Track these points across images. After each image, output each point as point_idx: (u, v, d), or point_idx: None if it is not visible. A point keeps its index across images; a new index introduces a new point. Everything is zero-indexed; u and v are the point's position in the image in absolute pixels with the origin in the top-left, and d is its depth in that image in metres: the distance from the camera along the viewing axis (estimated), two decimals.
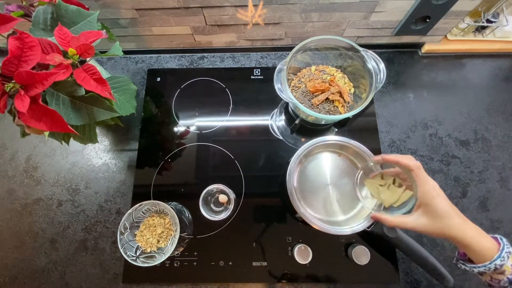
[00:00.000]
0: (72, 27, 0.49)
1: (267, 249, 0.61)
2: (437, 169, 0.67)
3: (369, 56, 0.59)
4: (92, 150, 0.70)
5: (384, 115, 0.71)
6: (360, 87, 0.64)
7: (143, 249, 0.56)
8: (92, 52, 0.44)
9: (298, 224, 0.62)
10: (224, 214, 0.61)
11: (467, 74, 0.74)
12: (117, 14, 0.64)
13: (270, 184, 0.66)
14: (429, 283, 0.60)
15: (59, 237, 0.64)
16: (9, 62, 0.39)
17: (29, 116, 0.40)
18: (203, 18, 0.65)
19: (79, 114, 0.47)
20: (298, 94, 0.67)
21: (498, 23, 0.69)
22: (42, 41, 0.42)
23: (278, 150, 0.68)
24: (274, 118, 0.72)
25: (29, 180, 0.68)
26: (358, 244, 0.59)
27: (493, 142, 0.69)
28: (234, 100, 0.73)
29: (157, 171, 0.67)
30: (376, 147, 0.68)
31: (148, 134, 0.70)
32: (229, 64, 0.77)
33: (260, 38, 0.73)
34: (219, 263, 0.60)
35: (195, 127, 0.71)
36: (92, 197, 0.66)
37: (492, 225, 0.63)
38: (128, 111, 0.57)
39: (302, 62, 0.69)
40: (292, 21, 0.66)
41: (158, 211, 0.60)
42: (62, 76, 0.40)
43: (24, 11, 0.48)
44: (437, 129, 0.70)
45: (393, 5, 0.62)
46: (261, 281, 0.60)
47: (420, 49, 0.76)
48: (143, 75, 0.76)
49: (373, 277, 0.59)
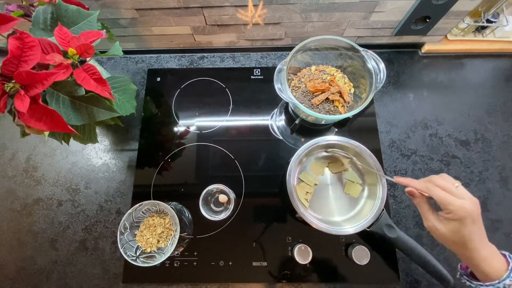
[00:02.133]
0: (72, 27, 0.49)
1: (267, 249, 0.61)
2: (437, 169, 0.67)
3: (369, 56, 0.59)
4: (92, 150, 0.70)
5: (384, 115, 0.71)
6: (360, 87, 0.64)
7: (143, 249, 0.56)
8: (92, 52, 0.44)
9: (298, 224, 0.62)
10: (224, 214, 0.61)
11: (467, 74, 0.74)
12: (117, 14, 0.64)
13: (270, 184, 0.66)
14: (429, 283, 0.60)
15: (59, 237, 0.64)
16: (9, 62, 0.39)
17: (29, 116, 0.40)
18: (203, 18, 0.65)
19: (79, 114, 0.47)
20: (298, 94, 0.67)
21: (498, 23, 0.69)
22: (42, 41, 0.42)
23: (278, 150, 0.68)
24: (274, 118, 0.72)
25: (29, 180, 0.68)
26: (358, 244, 0.59)
27: (493, 142, 0.69)
28: (234, 100, 0.73)
29: (157, 171, 0.67)
30: (376, 147, 0.68)
31: (148, 134, 0.70)
32: (229, 64, 0.77)
33: (260, 38, 0.73)
34: (219, 263, 0.60)
35: (195, 127, 0.71)
36: (92, 197, 0.66)
37: (492, 225, 0.63)
38: (128, 111, 0.57)
39: (302, 62, 0.69)
40: (292, 21, 0.66)
41: (158, 211, 0.60)
42: (62, 76, 0.40)
43: (24, 11, 0.48)
44: (437, 129, 0.70)
45: (393, 5, 0.62)
46: (261, 281, 0.60)
47: (420, 49, 0.76)
48: (143, 75, 0.76)
49: (373, 277, 0.59)
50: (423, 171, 0.67)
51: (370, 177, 0.59)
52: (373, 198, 0.56)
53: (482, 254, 0.40)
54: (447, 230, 0.41)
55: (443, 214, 0.41)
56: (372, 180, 0.58)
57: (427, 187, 0.42)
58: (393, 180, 0.47)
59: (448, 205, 0.39)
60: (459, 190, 0.41)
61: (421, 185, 0.43)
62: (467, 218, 0.39)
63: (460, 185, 0.41)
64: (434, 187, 0.41)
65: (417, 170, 0.67)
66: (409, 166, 0.67)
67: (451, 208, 0.39)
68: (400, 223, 0.64)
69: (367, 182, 0.60)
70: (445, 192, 0.40)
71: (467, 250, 0.40)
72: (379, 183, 0.56)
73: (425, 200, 0.44)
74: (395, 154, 0.68)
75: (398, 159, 0.68)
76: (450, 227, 0.40)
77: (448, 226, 0.41)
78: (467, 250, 0.40)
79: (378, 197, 0.55)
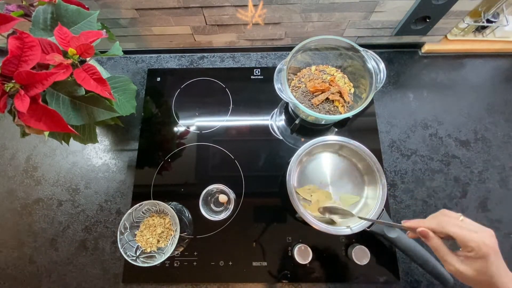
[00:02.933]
0: (72, 27, 0.49)
1: (267, 249, 0.61)
2: (437, 169, 0.67)
3: (369, 56, 0.59)
4: (92, 150, 0.70)
5: (384, 115, 0.71)
6: (360, 87, 0.64)
7: (143, 249, 0.56)
8: (92, 52, 0.44)
9: (298, 224, 0.62)
10: (224, 214, 0.61)
11: (467, 74, 0.74)
12: (117, 14, 0.64)
13: (270, 184, 0.66)
14: (429, 283, 0.60)
15: (59, 237, 0.64)
16: (9, 62, 0.39)
17: (29, 116, 0.40)
18: (203, 18, 0.65)
19: (79, 114, 0.47)
20: (298, 94, 0.67)
21: (498, 23, 0.69)
22: (42, 41, 0.42)
23: (278, 150, 0.68)
24: (274, 118, 0.72)
25: (29, 180, 0.68)
26: (358, 244, 0.59)
27: (493, 142, 0.69)
28: (234, 100, 0.73)
29: (157, 171, 0.67)
30: (376, 147, 0.68)
31: (148, 134, 0.70)
32: (229, 64, 0.77)
33: (260, 38, 0.73)
34: (219, 263, 0.60)
35: (195, 127, 0.71)
36: (92, 197, 0.66)
37: (492, 225, 0.63)
38: (128, 111, 0.57)
39: (302, 62, 0.69)
40: (292, 21, 0.66)
41: (158, 211, 0.60)
42: (62, 76, 0.40)
43: (24, 11, 0.48)
44: (437, 129, 0.70)
45: (393, 5, 0.62)
46: (261, 281, 0.60)
47: (420, 49, 0.76)
48: (143, 75, 0.76)
49: (373, 277, 0.59)
50: (423, 171, 0.67)
51: (370, 177, 0.59)
52: (373, 198, 0.56)
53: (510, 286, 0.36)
54: (473, 271, 0.37)
55: (464, 253, 0.37)
56: (372, 180, 0.58)
57: (441, 224, 0.39)
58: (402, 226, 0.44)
59: (469, 242, 0.36)
60: (468, 224, 0.38)
61: (433, 224, 0.40)
62: (491, 254, 0.36)
63: (464, 218, 0.39)
64: (449, 224, 0.38)
65: (417, 170, 0.67)
66: (409, 166, 0.67)
67: (473, 245, 0.36)
68: (400, 223, 0.63)
69: (367, 182, 0.60)
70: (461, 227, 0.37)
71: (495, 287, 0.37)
72: (379, 183, 0.56)
73: (441, 241, 0.40)
74: (395, 154, 0.68)
75: (398, 159, 0.68)
76: (476, 267, 0.36)
77: (473, 267, 0.37)
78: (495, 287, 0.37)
79: (378, 197, 0.55)
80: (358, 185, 0.61)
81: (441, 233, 0.39)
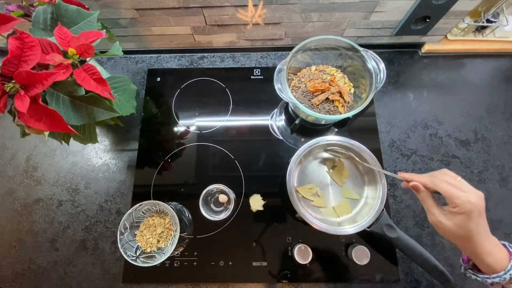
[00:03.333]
0: (72, 27, 0.49)
1: (267, 249, 0.61)
2: (437, 169, 0.67)
3: (369, 56, 0.59)
4: (92, 150, 0.70)
5: (384, 115, 0.71)
6: (360, 87, 0.64)
7: (143, 249, 0.56)
8: (92, 52, 0.44)
9: (298, 224, 0.62)
10: (224, 214, 0.61)
11: (467, 74, 0.74)
12: (117, 14, 0.64)
13: (270, 184, 0.66)
14: (429, 283, 0.60)
15: (59, 237, 0.64)
16: (9, 62, 0.39)
17: (29, 116, 0.40)
18: (203, 18, 0.65)
19: (79, 114, 0.47)
20: (298, 94, 0.67)
21: (498, 23, 0.69)
22: (42, 41, 0.42)
23: (278, 150, 0.68)
24: (274, 118, 0.72)
25: (29, 180, 0.68)
26: (358, 244, 0.59)
27: (493, 142, 0.69)
28: (234, 100, 0.73)
29: (157, 171, 0.67)
30: (376, 147, 0.68)
31: (148, 134, 0.70)
32: (229, 64, 0.77)
33: (260, 38, 0.73)
34: (219, 263, 0.60)
35: (195, 127, 0.71)
36: (92, 197, 0.66)
37: (492, 225, 0.63)
38: (128, 111, 0.57)
39: (302, 62, 0.69)
40: (292, 21, 0.66)
41: (158, 211, 0.60)
42: (62, 76, 0.40)
43: (24, 11, 0.48)
44: (437, 129, 0.70)
45: (393, 5, 0.62)
46: (261, 281, 0.60)
47: (420, 49, 0.76)
48: (143, 75, 0.76)
49: (373, 277, 0.59)
50: (423, 171, 0.67)
51: (370, 177, 0.59)
52: (373, 198, 0.56)
53: (487, 247, 0.40)
54: (452, 224, 0.40)
55: (449, 208, 0.41)
56: (372, 180, 0.58)
57: (432, 181, 0.42)
58: (397, 176, 0.47)
59: (455, 198, 0.39)
60: (462, 184, 0.40)
61: (426, 179, 0.43)
62: (474, 212, 0.38)
63: (461, 179, 0.41)
64: (439, 181, 0.41)
65: (417, 170, 0.67)
66: (409, 166, 0.67)
67: (458, 201, 0.39)
68: (400, 223, 0.64)
69: (367, 182, 0.60)
70: (451, 185, 0.40)
71: (472, 244, 0.40)
72: (379, 183, 0.56)
73: (430, 194, 0.44)
74: (395, 154, 0.68)
75: (398, 159, 0.68)
76: (456, 221, 0.40)
77: (454, 220, 0.40)
78: (472, 244, 0.40)
79: (378, 197, 0.55)
80: (358, 185, 0.61)
81: (432, 189, 0.43)
